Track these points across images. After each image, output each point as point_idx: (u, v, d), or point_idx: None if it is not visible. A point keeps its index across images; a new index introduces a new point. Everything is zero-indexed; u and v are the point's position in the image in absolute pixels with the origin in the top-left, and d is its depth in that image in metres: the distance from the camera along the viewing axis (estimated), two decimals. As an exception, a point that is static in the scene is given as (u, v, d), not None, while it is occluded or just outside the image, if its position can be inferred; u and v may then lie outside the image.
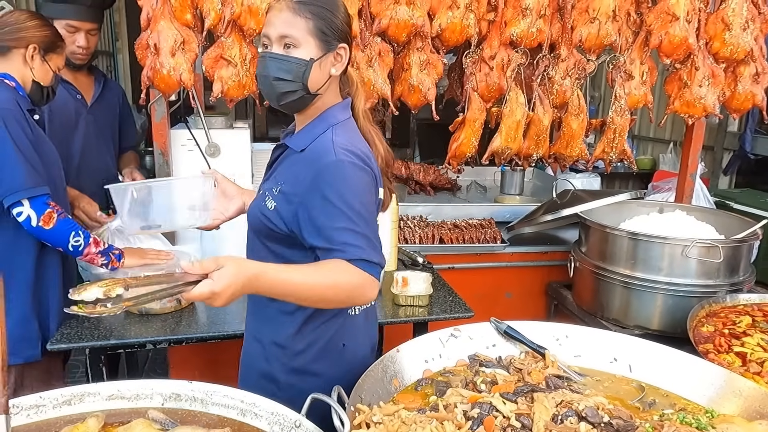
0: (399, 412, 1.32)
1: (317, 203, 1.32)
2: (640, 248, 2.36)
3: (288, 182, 1.40)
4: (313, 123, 1.43)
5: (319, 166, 1.34)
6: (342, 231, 1.31)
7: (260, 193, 1.50)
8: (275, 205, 1.40)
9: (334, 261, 1.29)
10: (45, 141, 1.99)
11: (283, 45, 1.33)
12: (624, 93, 2.59)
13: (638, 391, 1.50)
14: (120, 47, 7.99)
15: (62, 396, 1.27)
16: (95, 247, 1.91)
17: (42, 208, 1.80)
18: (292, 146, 1.44)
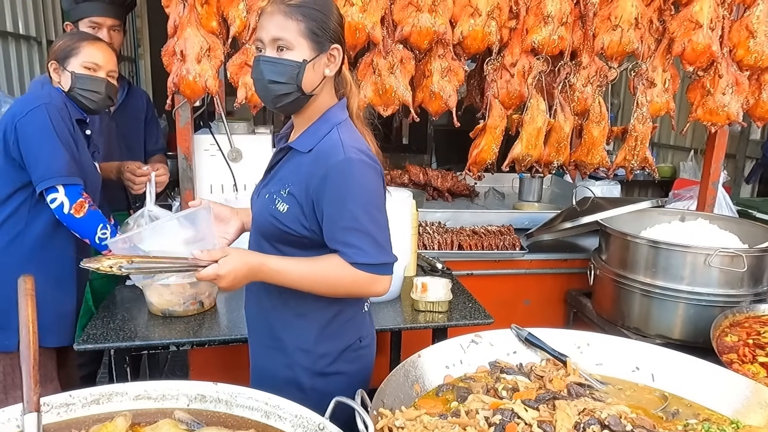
0: (421, 417, 1.32)
1: (327, 202, 1.37)
2: (662, 256, 2.34)
3: (297, 183, 1.41)
4: (317, 124, 1.44)
5: (329, 165, 1.36)
6: (345, 231, 1.36)
7: (265, 197, 1.48)
8: (288, 208, 1.41)
9: (334, 258, 1.39)
10: (85, 153, 2.07)
11: (276, 48, 1.35)
12: (646, 100, 2.58)
13: (661, 401, 1.49)
14: (142, 53, 8.11)
15: (91, 395, 1.29)
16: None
17: (75, 197, 1.88)
18: (297, 148, 1.44)
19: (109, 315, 2.03)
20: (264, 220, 1.47)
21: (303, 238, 1.44)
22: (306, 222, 1.42)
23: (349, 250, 1.36)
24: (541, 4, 2.41)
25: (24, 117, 1.89)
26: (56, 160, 1.88)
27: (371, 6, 2.20)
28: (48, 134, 1.88)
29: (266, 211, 1.45)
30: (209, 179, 2.60)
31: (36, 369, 1.14)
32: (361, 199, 1.36)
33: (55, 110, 1.92)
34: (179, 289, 2.00)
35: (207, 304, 2.09)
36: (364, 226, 1.36)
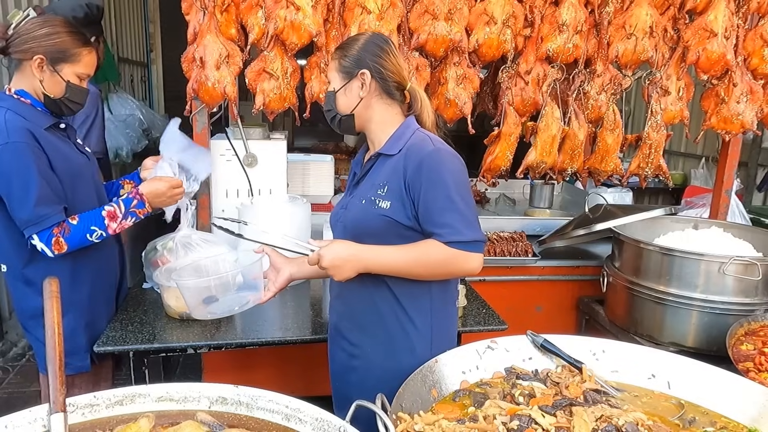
0: (439, 422, 1.34)
1: (423, 188, 1.52)
2: (676, 264, 2.35)
3: (392, 179, 1.57)
4: (398, 133, 1.63)
5: (422, 156, 1.53)
6: (440, 212, 1.51)
7: (361, 203, 1.62)
8: (390, 204, 1.57)
9: (429, 241, 1.53)
10: (69, 151, 1.96)
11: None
12: (660, 108, 2.59)
13: (677, 408, 1.49)
14: (154, 58, 8.19)
15: (115, 396, 1.31)
16: (114, 221, 1.92)
17: (49, 239, 1.81)
18: (387, 152, 1.62)
19: (127, 318, 2.06)
20: (367, 223, 1.60)
21: (408, 229, 1.57)
22: (408, 212, 1.56)
23: (443, 230, 1.51)
24: (556, 13, 2.43)
25: None
26: (23, 209, 1.78)
27: (388, 14, 2.23)
28: (12, 180, 1.77)
29: (369, 214, 1.59)
30: (225, 184, 2.63)
31: (62, 370, 1.17)
32: (452, 182, 1.52)
33: (20, 150, 1.76)
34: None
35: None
36: (456, 206, 1.51)
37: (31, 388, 3.49)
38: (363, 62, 1.60)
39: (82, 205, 1.96)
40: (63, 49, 1.83)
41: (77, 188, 1.96)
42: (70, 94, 1.88)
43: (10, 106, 1.83)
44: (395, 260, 1.56)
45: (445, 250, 1.51)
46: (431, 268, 1.56)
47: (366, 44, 1.62)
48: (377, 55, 1.62)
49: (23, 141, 1.77)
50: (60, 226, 1.83)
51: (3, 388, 3.53)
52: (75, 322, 1.98)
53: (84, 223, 1.88)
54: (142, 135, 6.13)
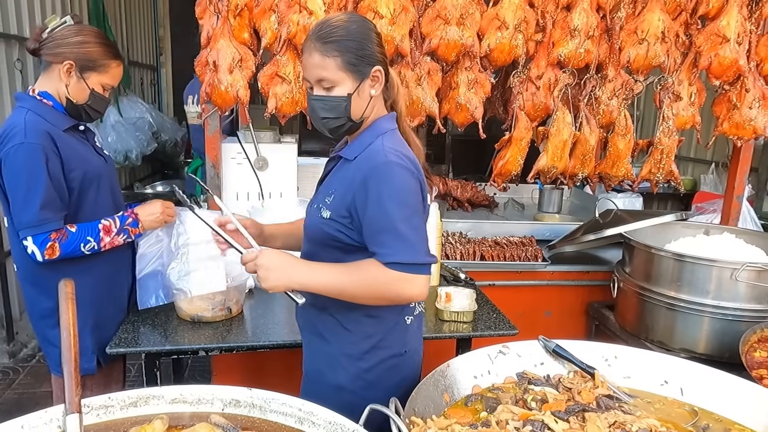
0: (452, 427, 1.33)
1: (366, 204, 1.39)
2: (687, 270, 2.34)
3: (340, 190, 1.47)
4: (364, 134, 1.50)
5: (369, 167, 1.40)
6: (380, 232, 1.38)
7: (314, 207, 1.55)
8: (330, 214, 1.47)
9: (369, 261, 1.40)
10: (87, 152, 1.99)
11: (322, 87, 1.42)
12: (672, 114, 2.58)
13: (691, 415, 1.48)
14: (164, 61, 8.25)
15: (129, 398, 1.31)
16: (108, 235, 1.94)
17: (44, 243, 1.82)
18: (345, 156, 1.51)
19: (139, 320, 2.07)
20: (314, 228, 1.54)
21: (345, 244, 1.48)
22: (346, 228, 1.46)
23: (383, 249, 1.37)
24: (568, 18, 2.43)
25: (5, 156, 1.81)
26: (27, 209, 1.80)
27: (400, 19, 2.24)
28: (21, 179, 1.79)
29: (315, 221, 1.52)
30: (236, 187, 2.64)
31: (77, 371, 1.18)
32: (397, 200, 1.37)
33: (34, 152, 1.79)
34: (209, 295, 2.03)
35: (234, 311, 2.12)
36: (397, 226, 1.37)
37: (41, 388, 3.51)
38: (374, 57, 1.43)
39: (97, 207, 1.99)
40: (93, 59, 1.88)
41: (93, 189, 1.98)
42: (93, 102, 1.94)
43: (31, 106, 1.87)
44: (329, 280, 1.42)
45: (383, 273, 1.37)
46: (366, 290, 1.41)
47: (370, 34, 1.43)
48: (380, 44, 1.46)
49: (39, 143, 1.80)
50: (58, 232, 1.85)
51: (13, 389, 3.55)
52: (81, 324, 1.97)
53: (81, 233, 1.90)
54: (151, 138, 6.18)
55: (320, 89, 1.42)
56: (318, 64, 1.38)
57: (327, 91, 1.41)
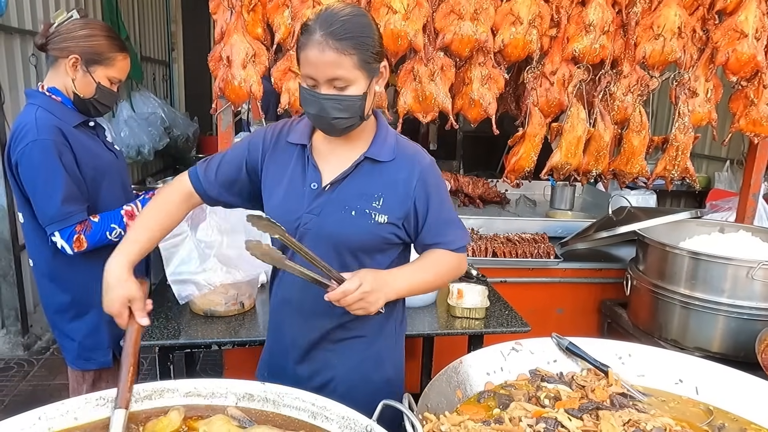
0: (465, 423, 1.33)
1: (427, 202, 1.47)
2: (702, 268, 2.32)
3: (389, 191, 1.44)
4: (381, 134, 1.47)
5: (422, 168, 1.47)
6: (447, 224, 1.51)
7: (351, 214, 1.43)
8: (387, 218, 1.44)
9: (437, 252, 1.51)
10: (97, 148, 1.99)
11: (333, 86, 1.32)
12: (688, 110, 2.56)
13: (706, 414, 1.47)
14: (176, 57, 8.29)
15: (144, 391, 1.32)
16: (132, 220, 1.94)
17: (71, 237, 1.84)
18: (376, 157, 1.44)
19: (153, 313, 2.07)
20: (358, 237, 1.45)
21: (392, 245, 1.51)
22: (398, 229, 1.47)
23: (449, 238, 1.51)
24: (583, 13, 2.41)
25: (18, 155, 1.82)
26: (49, 205, 1.82)
27: (414, 14, 2.23)
28: (39, 176, 1.81)
29: (362, 229, 1.44)
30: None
31: (133, 374, 1.27)
32: (447, 194, 1.54)
33: (47, 148, 1.79)
34: (222, 290, 2.04)
35: (247, 305, 2.13)
36: (456, 216, 1.54)
37: (55, 381, 3.55)
38: (382, 53, 1.39)
39: (108, 202, 1.99)
40: (99, 52, 1.87)
41: (104, 185, 1.99)
42: (100, 96, 1.92)
43: (41, 103, 1.87)
44: (420, 280, 1.50)
45: (454, 258, 1.53)
46: (443, 278, 1.57)
47: (377, 29, 1.37)
48: (382, 40, 1.40)
49: (51, 138, 1.81)
50: (83, 224, 1.86)
51: (28, 381, 3.60)
52: (98, 319, 2.01)
53: (104, 222, 1.91)
54: (163, 133, 6.21)
55: (330, 88, 1.31)
56: (333, 62, 1.28)
57: (339, 91, 1.32)
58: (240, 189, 1.54)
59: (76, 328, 2.02)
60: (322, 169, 1.46)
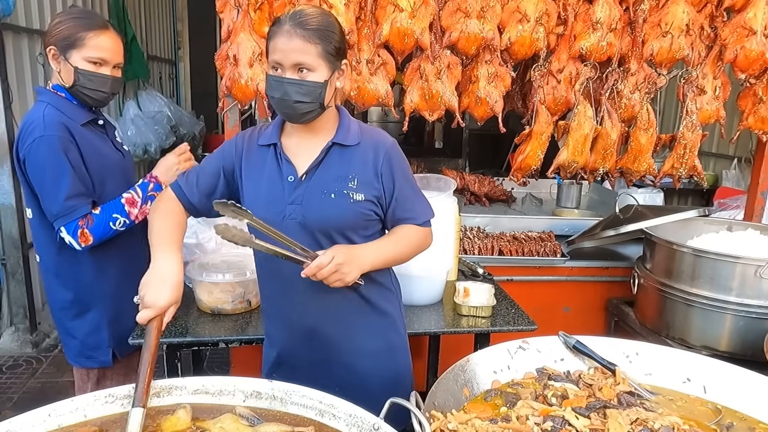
0: (472, 421, 1.33)
1: (393, 179, 1.57)
2: (710, 267, 2.31)
3: (361, 171, 1.55)
4: (344, 122, 1.59)
5: (386, 148, 1.57)
6: (412, 200, 1.62)
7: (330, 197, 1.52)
8: (363, 196, 1.54)
9: (406, 227, 1.62)
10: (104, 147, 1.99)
11: (297, 70, 1.44)
12: (695, 108, 2.54)
13: (714, 414, 1.47)
14: (182, 55, 8.32)
15: (153, 388, 1.33)
16: (134, 207, 1.94)
17: (75, 231, 1.85)
18: (343, 142, 1.56)
19: (160, 311, 2.09)
20: (342, 218, 1.55)
21: (376, 219, 1.60)
22: (374, 206, 1.57)
23: (415, 213, 1.63)
24: (590, 11, 2.40)
25: (26, 151, 1.84)
26: (55, 201, 1.83)
27: (420, 12, 2.23)
28: (46, 172, 1.82)
29: (344, 209, 1.54)
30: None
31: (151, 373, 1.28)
32: (410, 172, 1.64)
33: (52, 143, 1.80)
34: (228, 288, 2.05)
35: (254, 303, 2.14)
36: (418, 192, 1.65)
37: (63, 378, 3.57)
38: (344, 51, 1.52)
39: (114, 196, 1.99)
40: (66, 36, 1.82)
41: (109, 184, 1.99)
42: (82, 81, 1.85)
43: (50, 100, 1.88)
44: (390, 251, 1.60)
45: (420, 231, 1.64)
46: (412, 250, 1.65)
47: (341, 29, 1.52)
48: (346, 41, 1.56)
49: (57, 135, 1.81)
50: (85, 218, 1.87)
51: (36, 378, 3.62)
52: (99, 318, 2.03)
53: (105, 213, 1.91)
54: (169, 131, 6.24)
55: (295, 73, 1.44)
56: (299, 49, 1.42)
57: (302, 76, 1.44)
58: (221, 195, 1.62)
59: (78, 326, 2.04)
60: (294, 162, 1.56)
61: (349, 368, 1.68)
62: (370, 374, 1.70)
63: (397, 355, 1.76)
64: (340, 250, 1.46)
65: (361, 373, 1.68)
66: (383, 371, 1.72)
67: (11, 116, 3.62)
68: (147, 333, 1.34)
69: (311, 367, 1.68)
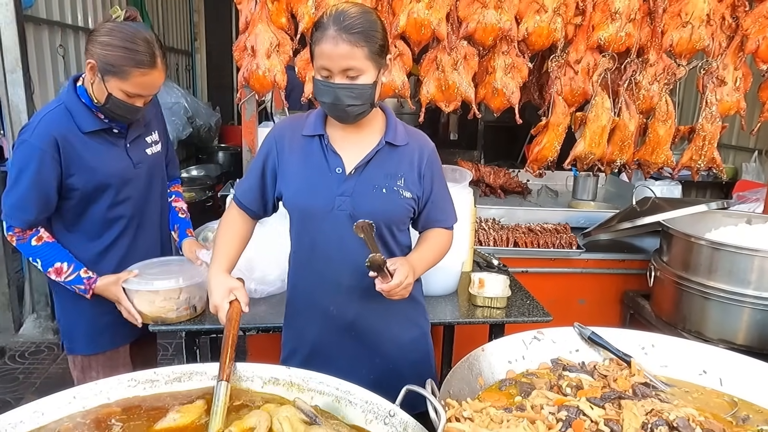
0: (487, 410, 1.34)
1: (432, 180, 1.64)
2: (728, 260, 2.29)
3: (407, 171, 1.60)
4: (392, 120, 1.62)
5: (429, 150, 1.65)
6: (444, 202, 1.70)
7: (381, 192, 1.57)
8: (411, 194, 1.60)
9: (435, 231, 1.70)
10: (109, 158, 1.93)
11: (347, 75, 1.44)
12: (715, 99, 2.51)
13: (730, 406, 1.46)
14: (198, 47, 8.36)
15: (174, 373, 1.36)
16: (55, 276, 1.92)
17: (7, 232, 1.90)
18: (394, 142, 1.60)
19: (179, 299, 2.12)
20: (393, 213, 1.61)
21: (409, 219, 1.67)
22: (415, 204, 1.63)
23: (446, 216, 1.70)
24: (609, 1, 2.38)
25: (16, 143, 1.87)
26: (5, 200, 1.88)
27: (437, 2, 2.22)
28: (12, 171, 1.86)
29: (396, 205, 1.60)
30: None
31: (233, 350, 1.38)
32: (443, 175, 1.71)
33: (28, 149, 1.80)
34: (172, 295, 1.94)
35: (199, 308, 2.02)
36: (449, 195, 1.72)
37: (84, 364, 3.64)
38: (387, 46, 1.52)
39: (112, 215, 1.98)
40: (111, 63, 1.77)
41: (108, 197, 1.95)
42: (111, 106, 1.84)
43: (66, 101, 1.87)
44: (430, 259, 1.67)
45: (448, 235, 1.72)
46: (443, 254, 1.73)
47: (383, 25, 1.51)
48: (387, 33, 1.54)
49: (39, 147, 1.80)
50: (23, 232, 1.89)
51: (58, 364, 3.70)
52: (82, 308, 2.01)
53: (38, 251, 1.91)
54: (186, 123, 6.28)
55: (344, 78, 1.44)
56: (347, 54, 1.41)
57: (352, 80, 1.44)
58: (271, 192, 1.67)
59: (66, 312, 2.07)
60: (342, 155, 1.58)
61: (384, 357, 1.71)
62: (404, 360, 1.74)
63: (426, 341, 1.83)
64: (408, 267, 1.53)
65: (396, 360, 1.72)
66: (415, 357, 1.77)
67: (33, 106, 3.68)
68: (227, 317, 1.48)
69: (347, 359, 1.69)
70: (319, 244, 1.61)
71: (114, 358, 2.11)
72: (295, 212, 1.64)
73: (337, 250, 1.60)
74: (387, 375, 1.69)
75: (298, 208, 1.62)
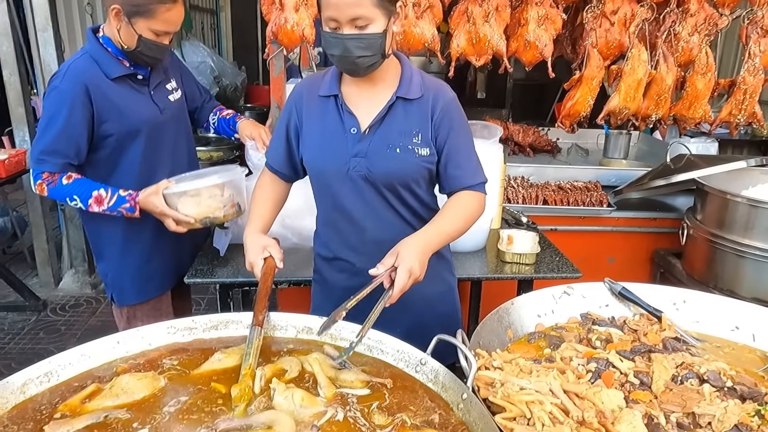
0: (516, 360, 1.36)
1: (448, 133, 1.54)
2: (765, 217, 2.24)
3: (423, 126, 1.53)
4: (407, 73, 1.54)
5: (445, 102, 1.54)
6: (467, 158, 1.58)
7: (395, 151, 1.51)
8: (428, 151, 1.54)
9: (460, 195, 1.57)
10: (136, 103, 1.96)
11: (355, 25, 1.38)
12: (759, 51, 2.41)
13: (763, 361, 1.46)
14: (223, 5, 8.28)
15: (211, 321, 1.41)
16: (99, 205, 1.92)
17: (36, 179, 1.90)
18: (407, 96, 1.52)
19: (213, 252, 2.18)
20: (409, 172, 1.55)
21: (430, 176, 1.59)
22: (435, 159, 1.56)
23: (468, 172, 1.57)
24: (649, -53, 2.28)
25: (46, 91, 1.90)
26: (34, 147, 1.90)
27: (469, -49, 2.15)
28: (42, 118, 1.88)
29: (411, 164, 1.53)
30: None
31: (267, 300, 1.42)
32: (468, 130, 1.59)
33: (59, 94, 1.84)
34: (214, 192, 1.94)
35: (243, 207, 2.03)
36: (473, 150, 1.60)
37: (121, 317, 3.78)
38: None
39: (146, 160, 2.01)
40: (137, 3, 1.80)
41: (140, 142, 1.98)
42: (143, 48, 1.87)
43: (90, 50, 1.90)
44: (448, 231, 1.53)
45: (474, 198, 1.57)
46: (471, 221, 1.57)
47: None
48: None
49: (70, 91, 1.83)
50: (52, 175, 1.89)
51: (97, 317, 3.85)
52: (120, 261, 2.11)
53: (72, 187, 1.91)
54: (213, 82, 6.28)
55: (352, 28, 1.38)
56: (353, 2, 1.35)
57: (361, 30, 1.38)
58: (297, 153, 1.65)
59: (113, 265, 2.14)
60: (356, 114, 1.54)
61: (411, 311, 1.69)
62: (431, 314, 1.73)
63: (453, 296, 1.83)
64: (409, 257, 1.39)
65: (423, 314, 1.72)
66: (442, 311, 1.77)
67: (64, 65, 3.73)
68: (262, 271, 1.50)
69: None
70: (340, 205, 1.61)
71: (158, 308, 2.20)
72: (313, 175, 1.64)
73: (359, 210, 1.60)
74: (414, 329, 1.69)
75: (315, 171, 1.62)
